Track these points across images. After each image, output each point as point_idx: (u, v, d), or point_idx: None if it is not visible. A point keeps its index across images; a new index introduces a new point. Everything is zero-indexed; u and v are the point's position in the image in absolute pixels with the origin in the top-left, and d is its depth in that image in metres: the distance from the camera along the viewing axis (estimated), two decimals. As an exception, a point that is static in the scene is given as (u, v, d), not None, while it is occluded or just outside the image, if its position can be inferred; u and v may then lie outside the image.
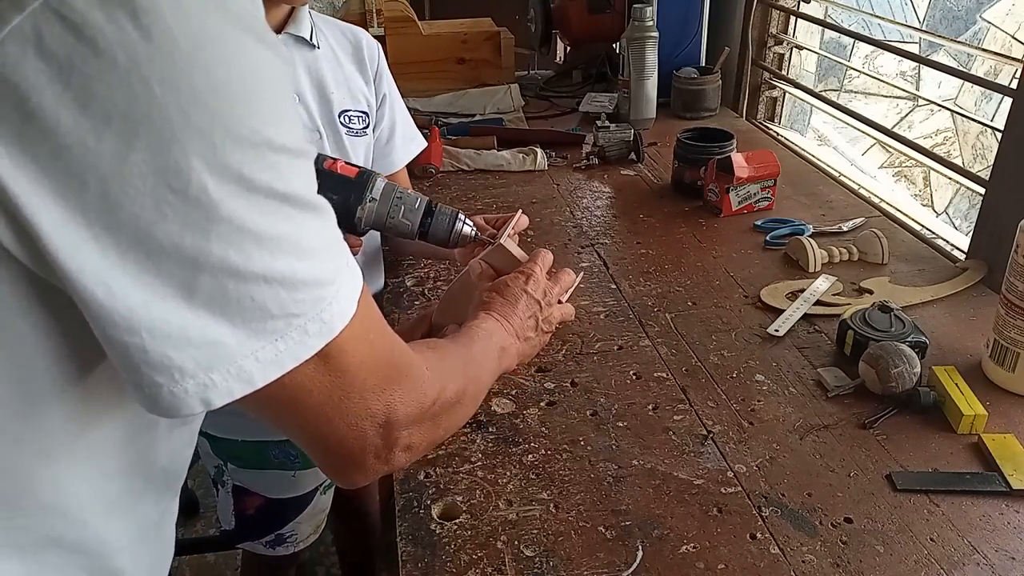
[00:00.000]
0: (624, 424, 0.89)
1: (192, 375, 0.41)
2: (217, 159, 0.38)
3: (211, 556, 1.95)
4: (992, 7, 3.38)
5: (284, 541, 1.30)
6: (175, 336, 0.40)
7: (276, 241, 0.42)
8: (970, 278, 1.17)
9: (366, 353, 0.49)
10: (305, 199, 0.44)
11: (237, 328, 0.41)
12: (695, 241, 1.33)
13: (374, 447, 0.52)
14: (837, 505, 0.78)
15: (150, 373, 0.40)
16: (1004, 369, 0.93)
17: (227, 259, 0.40)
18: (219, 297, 0.40)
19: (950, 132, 3.58)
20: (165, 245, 0.38)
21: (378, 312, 0.52)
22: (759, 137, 1.85)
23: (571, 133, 1.81)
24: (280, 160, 0.41)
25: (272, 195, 0.41)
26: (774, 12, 1.94)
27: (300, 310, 0.43)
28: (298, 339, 0.43)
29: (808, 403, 0.92)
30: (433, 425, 0.59)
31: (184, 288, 0.39)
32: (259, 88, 0.40)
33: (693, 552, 0.73)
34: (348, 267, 0.47)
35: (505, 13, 2.41)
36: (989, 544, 0.73)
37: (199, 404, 0.41)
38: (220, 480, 1.26)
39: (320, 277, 0.44)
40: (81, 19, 0.35)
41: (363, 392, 0.49)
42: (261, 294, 0.41)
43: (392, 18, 2.08)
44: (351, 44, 1.18)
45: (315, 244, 0.44)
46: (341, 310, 0.46)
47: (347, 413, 0.49)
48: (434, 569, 0.71)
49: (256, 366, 0.42)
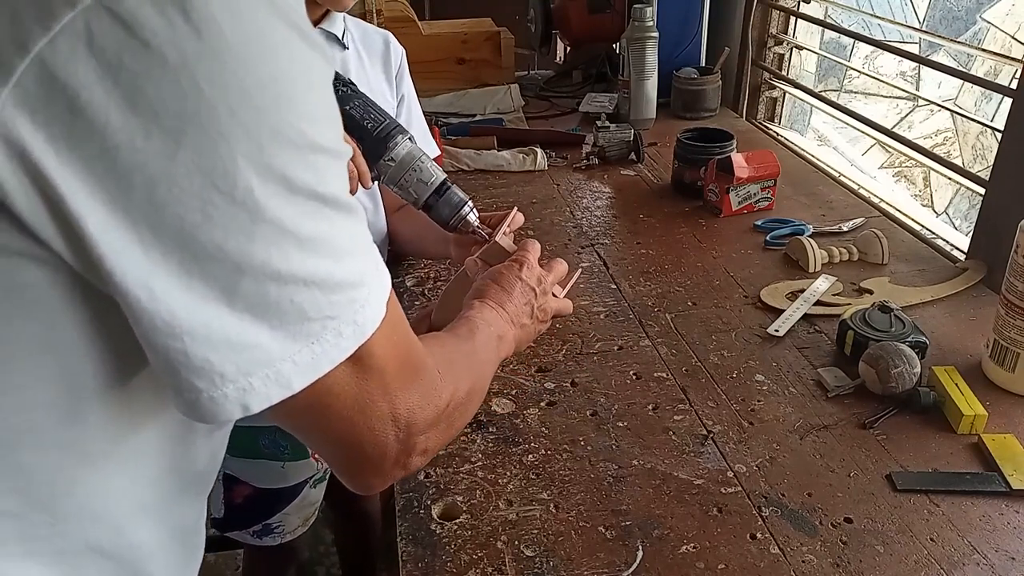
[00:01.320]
0: (624, 424, 0.89)
1: (232, 380, 0.40)
2: (263, 159, 0.38)
3: (211, 556, 1.95)
4: (992, 7, 3.38)
5: (271, 531, 1.30)
6: (216, 340, 0.39)
7: (315, 242, 0.41)
8: (970, 278, 1.17)
9: (391, 355, 0.49)
10: (342, 200, 0.43)
11: (276, 331, 0.41)
12: (695, 241, 1.33)
13: (394, 452, 0.51)
14: (837, 505, 0.78)
15: (190, 378, 0.40)
16: (1004, 369, 0.93)
17: (269, 262, 0.39)
18: (260, 301, 0.40)
19: (950, 132, 3.58)
20: (209, 248, 0.38)
21: (402, 313, 0.52)
22: (759, 137, 1.85)
23: (571, 133, 1.81)
24: (321, 161, 0.41)
25: (313, 196, 0.41)
26: (774, 12, 1.94)
27: (335, 312, 0.43)
28: (333, 342, 0.43)
29: (808, 403, 0.92)
30: (447, 427, 0.58)
31: (226, 292, 0.39)
32: (304, 87, 0.40)
33: (693, 552, 0.73)
34: (378, 269, 0.47)
35: (505, 13, 2.41)
36: (989, 544, 0.73)
37: (239, 409, 0.41)
38: None
39: (354, 279, 0.44)
40: (132, 16, 0.34)
41: (387, 395, 0.49)
42: (300, 296, 0.41)
43: (392, 18, 2.08)
44: (380, 49, 1.20)
45: (350, 245, 0.44)
46: (373, 312, 0.45)
47: (371, 417, 0.48)
48: (434, 569, 0.71)
49: (294, 370, 0.42)
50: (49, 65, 0.34)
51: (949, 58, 3.04)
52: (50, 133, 0.35)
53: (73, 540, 0.47)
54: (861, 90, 3.63)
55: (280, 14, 0.39)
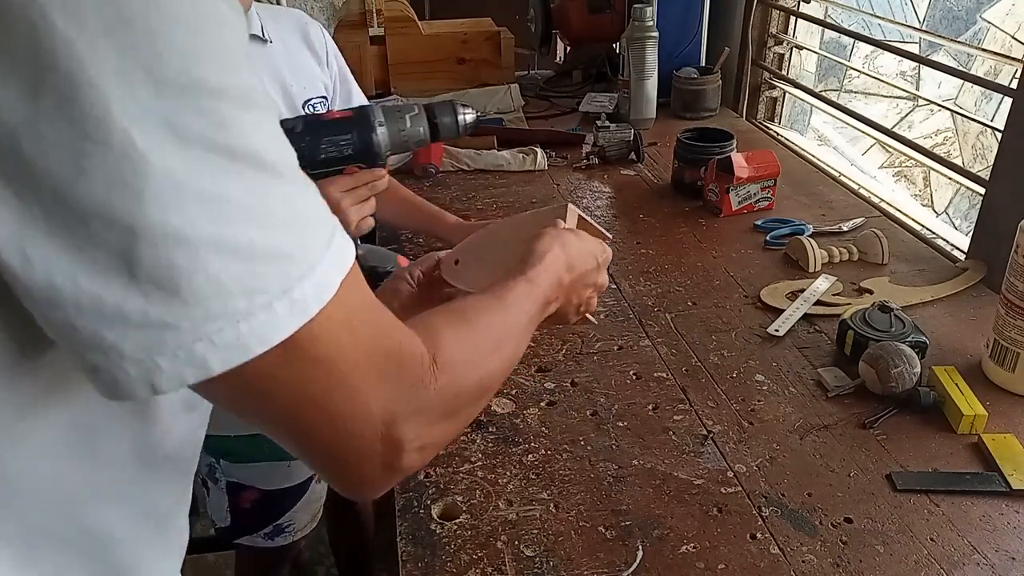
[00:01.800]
0: (624, 424, 0.89)
1: (132, 358, 0.36)
2: (140, 103, 0.33)
3: (211, 556, 1.95)
4: (992, 7, 3.38)
5: (282, 531, 1.30)
6: (108, 314, 0.35)
7: (227, 204, 0.36)
8: (970, 278, 1.17)
9: (347, 342, 0.42)
10: (261, 158, 0.38)
11: (190, 307, 0.36)
12: (695, 241, 1.33)
13: (376, 453, 0.45)
14: (837, 505, 0.78)
15: (85, 353, 0.36)
16: (1004, 369, 0.93)
17: (167, 222, 0.34)
18: (164, 269, 0.35)
19: (950, 132, 3.58)
20: (91, 206, 0.33)
21: (368, 295, 0.45)
22: (759, 137, 1.85)
23: (571, 133, 1.81)
24: (220, 108, 0.36)
25: (214, 149, 0.36)
26: (774, 12, 1.94)
27: (264, 286, 0.37)
28: (264, 319, 0.37)
29: (808, 403, 0.92)
30: (451, 418, 0.51)
31: (122, 258, 0.34)
32: (185, 22, 0.35)
33: (693, 552, 0.73)
34: (330, 243, 0.41)
35: (505, 13, 2.40)
36: (989, 544, 0.73)
37: (146, 389, 0.37)
38: (212, 477, 1.25)
39: (287, 249, 0.39)
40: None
41: (348, 390, 0.42)
42: (215, 267, 0.36)
43: (392, 18, 2.08)
44: (299, 31, 1.18)
45: (280, 212, 0.38)
46: (316, 290, 0.39)
47: (332, 414, 0.42)
48: (434, 569, 0.71)
49: (211, 350, 0.37)
50: None
51: (949, 58, 3.04)
52: None
53: (19, 525, 0.44)
54: (861, 90, 3.63)
55: None
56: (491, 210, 1.46)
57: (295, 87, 1.13)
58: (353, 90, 1.27)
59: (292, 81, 1.13)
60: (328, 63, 1.20)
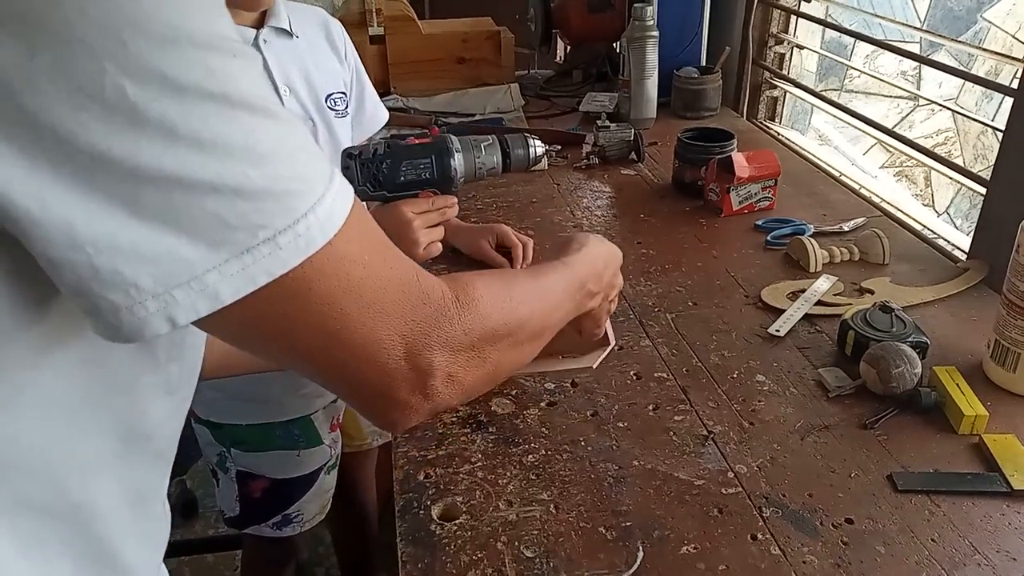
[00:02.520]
0: (624, 424, 0.89)
1: (151, 292, 0.38)
2: (131, 59, 0.35)
3: (211, 556, 1.95)
4: (993, 7, 3.38)
5: (291, 522, 1.31)
6: (124, 250, 0.37)
7: (220, 146, 0.38)
8: (971, 278, 1.17)
9: (358, 276, 0.44)
10: (250, 101, 0.39)
11: (196, 241, 0.38)
12: (695, 241, 1.33)
13: (403, 378, 0.47)
14: (838, 506, 0.77)
15: (104, 293, 0.37)
16: (1005, 369, 0.93)
17: (163, 167, 0.36)
18: (167, 209, 0.37)
19: (951, 132, 3.57)
20: (94, 154, 0.35)
21: (380, 234, 0.47)
22: (760, 137, 1.85)
23: (571, 133, 1.81)
24: (209, 57, 0.38)
25: (204, 96, 0.37)
26: (774, 12, 1.94)
27: (265, 221, 0.39)
28: (268, 252, 0.39)
29: (809, 403, 0.92)
30: (478, 357, 0.52)
31: (128, 201, 0.36)
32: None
33: (694, 553, 0.73)
34: (333, 180, 0.43)
35: (505, 13, 2.40)
36: (990, 544, 0.73)
37: (165, 323, 0.38)
38: (223, 467, 1.26)
39: (284, 185, 0.40)
40: None
41: (364, 319, 0.45)
42: (214, 204, 0.38)
43: (392, 18, 2.08)
44: (321, 27, 1.21)
45: (274, 149, 0.40)
46: (321, 224, 0.41)
47: (350, 344, 0.45)
48: (434, 570, 0.71)
49: (220, 280, 0.39)
50: None
51: (950, 58, 3.04)
52: None
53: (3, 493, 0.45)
54: (862, 89, 3.63)
55: None
56: (491, 210, 1.46)
57: (319, 80, 1.16)
58: (366, 90, 1.29)
59: (316, 75, 1.15)
60: (346, 58, 1.23)
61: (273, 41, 1.09)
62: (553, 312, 0.66)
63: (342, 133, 1.19)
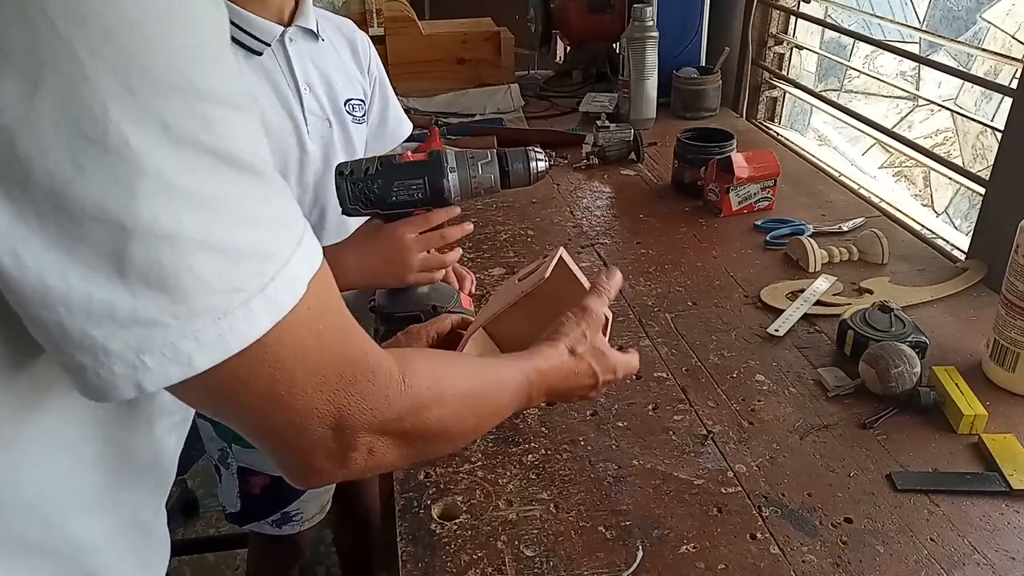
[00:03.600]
0: (624, 424, 0.89)
1: (119, 356, 0.36)
2: (136, 104, 0.34)
3: (211, 556, 1.95)
4: (992, 7, 3.38)
5: (290, 520, 1.31)
6: (97, 312, 0.35)
7: (212, 204, 0.37)
8: (970, 278, 1.17)
9: (312, 344, 0.43)
10: (244, 160, 0.39)
11: (176, 304, 0.36)
12: (695, 241, 1.33)
13: (324, 448, 0.46)
14: (837, 505, 0.78)
15: (72, 352, 0.36)
16: (1004, 369, 0.93)
17: (157, 222, 0.35)
18: (153, 267, 0.36)
19: (950, 132, 3.57)
20: (86, 205, 0.34)
21: (338, 301, 0.46)
22: (759, 137, 1.85)
23: (571, 133, 1.81)
24: (210, 109, 0.37)
25: (203, 150, 0.36)
26: (774, 12, 1.94)
27: (243, 284, 0.38)
28: (243, 317, 0.38)
29: (808, 403, 0.92)
30: (402, 441, 0.52)
31: (113, 257, 0.35)
32: (183, 28, 0.36)
33: (693, 552, 0.73)
34: (301, 243, 0.42)
35: (505, 13, 2.40)
36: (989, 544, 0.73)
37: (131, 388, 0.37)
38: (224, 463, 1.27)
39: (263, 248, 0.39)
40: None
41: (306, 388, 0.44)
42: (199, 263, 0.37)
43: (392, 18, 2.08)
44: (345, 36, 1.22)
45: (259, 212, 0.39)
46: (289, 287, 0.41)
47: (288, 409, 0.44)
48: (434, 569, 0.71)
49: (196, 347, 0.37)
50: None
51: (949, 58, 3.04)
52: None
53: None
54: (861, 90, 3.63)
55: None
56: (491, 210, 1.46)
57: (339, 85, 1.17)
58: (390, 102, 1.30)
59: (337, 79, 1.17)
60: (369, 71, 1.25)
61: (299, 40, 1.10)
62: (492, 416, 0.64)
63: (358, 138, 1.19)
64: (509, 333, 0.83)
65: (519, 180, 0.98)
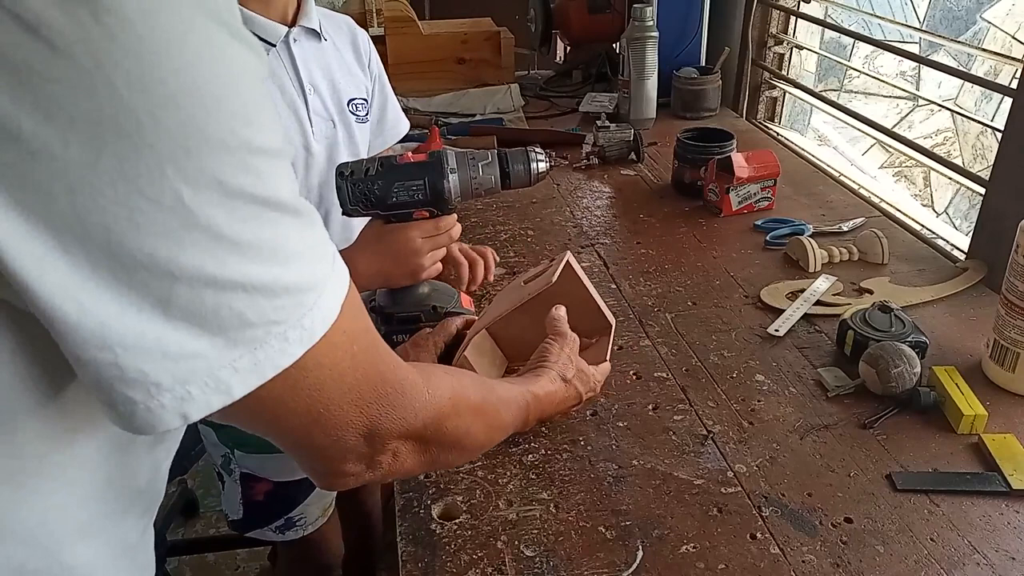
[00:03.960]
0: (624, 424, 0.89)
1: (168, 389, 0.39)
2: (192, 165, 0.36)
3: (211, 556, 1.95)
4: (992, 7, 3.38)
5: (293, 525, 1.31)
6: (150, 350, 0.38)
7: (255, 247, 0.39)
8: (970, 278, 1.17)
9: (347, 366, 0.47)
10: (285, 202, 0.41)
11: (215, 338, 0.39)
12: (695, 241, 1.33)
13: (356, 454, 0.50)
14: (837, 505, 0.78)
15: (124, 390, 0.38)
16: (1004, 369, 0.93)
17: (203, 268, 0.38)
18: (196, 308, 0.38)
19: (950, 132, 3.58)
20: (139, 256, 0.36)
21: (366, 319, 0.49)
22: (759, 137, 1.85)
23: (571, 133, 1.81)
24: (259, 163, 0.39)
25: (251, 200, 0.39)
26: (774, 12, 1.94)
27: (280, 317, 0.41)
28: (278, 347, 0.41)
29: (808, 403, 0.92)
30: (423, 447, 0.56)
31: (159, 300, 0.37)
32: (235, 87, 0.38)
33: (693, 552, 0.73)
34: (334, 268, 0.45)
35: (505, 13, 2.41)
36: (989, 544, 0.73)
37: (177, 419, 0.40)
38: (227, 468, 1.26)
39: (303, 282, 0.42)
40: (36, 18, 0.32)
41: (342, 404, 0.47)
42: (240, 303, 0.39)
43: (392, 18, 2.08)
44: (347, 34, 1.22)
45: (298, 248, 0.42)
46: (323, 315, 0.43)
47: (326, 424, 0.47)
48: (434, 569, 0.71)
49: (234, 376, 0.40)
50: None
51: (949, 58, 3.04)
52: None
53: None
54: (861, 90, 3.63)
55: (205, 10, 0.37)
56: (491, 210, 1.46)
57: (342, 84, 1.17)
58: (389, 100, 1.30)
59: (340, 78, 1.17)
60: (370, 67, 1.25)
61: (303, 41, 1.10)
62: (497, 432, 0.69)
63: (361, 138, 1.20)
64: (512, 335, 0.85)
65: (520, 181, 0.98)
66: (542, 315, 0.84)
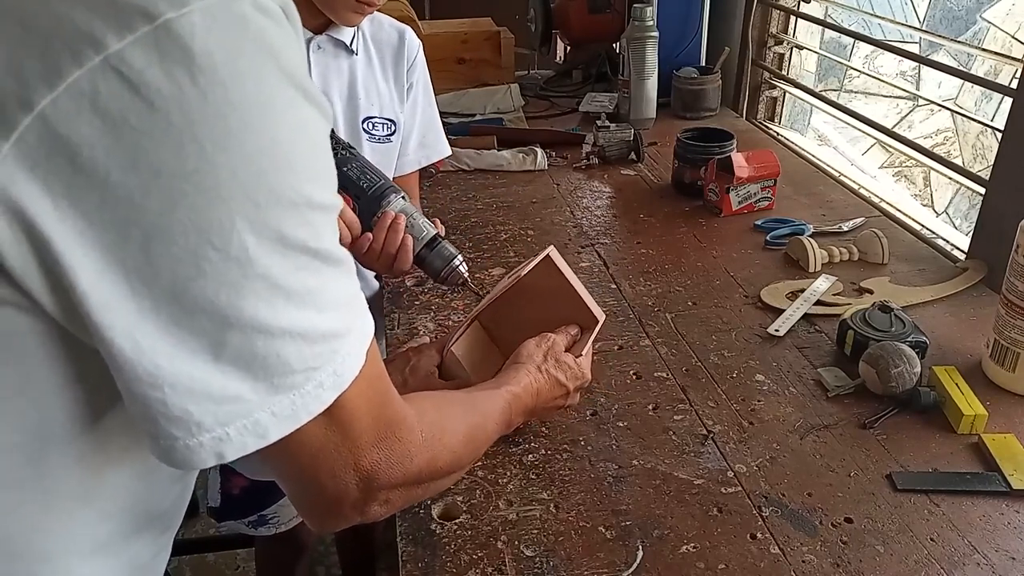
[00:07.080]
0: (624, 424, 0.89)
1: (209, 429, 0.40)
2: (260, 219, 0.39)
3: (211, 556, 1.95)
4: (992, 7, 3.38)
5: (266, 522, 1.32)
6: (197, 392, 0.40)
7: (304, 296, 0.42)
8: (970, 278, 1.17)
9: (364, 409, 0.48)
10: (333, 253, 0.44)
11: (258, 383, 0.41)
12: (695, 241, 1.33)
13: (352, 499, 0.51)
14: (837, 505, 0.78)
15: (167, 427, 0.40)
16: (1004, 369, 0.93)
17: (257, 316, 0.40)
18: (246, 354, 0.40)
19: (950, 132, 3.57)
20: (200, 301, 0.38)
21: (382, 367, 0.52)
22: (759, 137, 1.85)
23: (571, 133, 1.81)
24: (316, 217, 0.42)
25: (306, 251, 0.41)
26: (774, 12, 1.94)
27: (319, 363, 0.43)
28: (313, 393, 0.43)
29: (808, 403, 0.92)
30: (417, 488, 0.58)
31: (213, 344, 0.39)
32: (304, 147, 0.41)
33: (693, 552, 0.73)
34: (362, 318, 0.47)
35: (505, 13, 2.40)
36: (989, 544, 0.73)
37: (213, 458, 0.41)
38: None
39: (338, 329, 0.44)
40: (139, 77, 0.35)
41: (353, 448, 0.49)
42: (286, 349, 0.41)
43: (392, 18, 2.08)
44: (393, 42, 1.18)
45: (337, 297, 0.44)
46: (353, 362, 0.46)
47: (335, 466, 0.49)
48: (434, 569, 0.71)
49: (272, 420, 0.42)
50: (52, 122, 0.35)
51: (949, 58, 3.04)
52: (49, 188, 0.35)
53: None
54: (861, 90, 3.63)
55: (286, 75, 0.39)
56: (491, 210, 1.46)
57: (363, 101, 1.14)
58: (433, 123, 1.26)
59: (362, 95, 1.14)
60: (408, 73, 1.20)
61: (327, 50, 1.08)
62: (484, 444, 0.71)
63: (373, 157, 1.13)
64: (500, 325, 0.89)
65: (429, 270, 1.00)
66: (525, 305, 0.86)
